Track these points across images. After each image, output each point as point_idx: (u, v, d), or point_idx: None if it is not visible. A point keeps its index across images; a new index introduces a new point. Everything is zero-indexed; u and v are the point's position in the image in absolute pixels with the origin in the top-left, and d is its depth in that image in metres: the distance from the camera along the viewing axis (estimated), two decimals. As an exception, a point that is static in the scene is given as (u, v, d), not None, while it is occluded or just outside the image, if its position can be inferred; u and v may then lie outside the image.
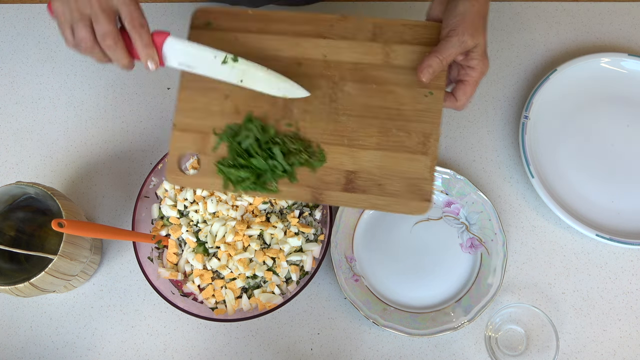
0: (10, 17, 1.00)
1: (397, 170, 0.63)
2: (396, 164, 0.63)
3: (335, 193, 0.64)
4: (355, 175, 0.63)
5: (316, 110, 0.65)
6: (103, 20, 0.57)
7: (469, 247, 0.82)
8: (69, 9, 0.58)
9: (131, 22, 0.58)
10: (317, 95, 0.65)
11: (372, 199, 0.63)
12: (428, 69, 0.62)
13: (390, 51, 0.65)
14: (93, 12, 0.57)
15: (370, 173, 0.63)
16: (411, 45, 0.65)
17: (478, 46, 0.62)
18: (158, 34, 0.61)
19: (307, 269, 0.78)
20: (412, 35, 0.65)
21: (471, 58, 0.63)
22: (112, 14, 0.58)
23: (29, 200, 0.79)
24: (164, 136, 0.91)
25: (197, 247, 0.80)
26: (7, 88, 0.95)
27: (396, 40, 0.66)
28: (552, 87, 0.88)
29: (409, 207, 0.62)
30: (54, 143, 0.92)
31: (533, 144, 0.85)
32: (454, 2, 0.62)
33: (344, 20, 0.67)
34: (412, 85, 0.64)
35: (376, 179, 0.63)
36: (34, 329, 0.82)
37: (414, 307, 0.80)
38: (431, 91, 0.64)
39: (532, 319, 0.76)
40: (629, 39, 0.93)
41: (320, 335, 0.80)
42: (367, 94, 0.65)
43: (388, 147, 0.63)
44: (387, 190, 0.63)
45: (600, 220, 0.82)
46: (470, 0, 0.62)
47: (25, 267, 0.79)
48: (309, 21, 0.67)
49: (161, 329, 0.81)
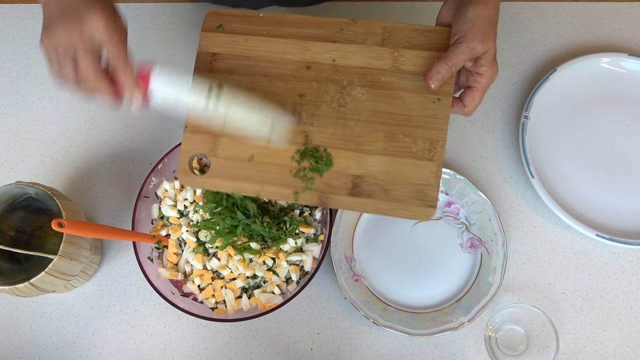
0: (10, 17, 1.00)
1: (403, 175, 0.63)
2: (402, 169, 0.63)
3: (341, 197, 0.64)
4: (361, 180, 0.64)
5: (324, 114, 0.65)
6: (85, 57, 0.57)
7: (469, 247, 0.82)
8: (56, 46, 0.58)
9: (114, 60, 0.58)
10: (326, 99, 0.66)
11: (377, 203, 0.63)
12: (437, 76, 0.62)
13: (399, 56, 0.65)
14: (77, 50, 0.57)
15: (376, 178, 0.63)
16: (420, 50, 0.65)
17: (488, 53, 0.62)
18: (143, 72, 0.60)
19: (307, 269, 0.78)
20: (421, 40, 0.65)
21: (480, 65, 0.63)
22: (95, 52, 0.58)
23: (29, 200, 0.79)
24: (164, 136, 0.91)
25: (197, 247, 0.80)
26: (7, 88, 0.95)
27: (405, 45, 0.65)
28: (552, 87, 0.88)
29: (413, 213, 0.63)
30: (54, 143, 0.92)
31: (533, 144, 0.85)
32: (464, 8, 0.62)
33: (353, 24, 0.67)
34: (420, 91, 0.64)
35: (382, 184, 0.63)
36: (34, 329, 0.82)
37: (414, 307, 0.80)
38: (439, 97, 0.64)
39: (532, 319, 0.76)
40: (629, 39, 0.93)
41: (320, 335, 0.80)
42: (375, 99, 0.65)
43: (394, 152, 0.64)
44: (392, 196, 0.63)
45: (600, 220, 0.82)
46: (480, 6, 0.61)
47: (25, 267, 0.79)
48: (319, 25, 0.68)
49: (161, 329, 0.81)
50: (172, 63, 0.95)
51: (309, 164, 0.64)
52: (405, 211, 0.63)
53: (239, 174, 0.66)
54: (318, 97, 0.66)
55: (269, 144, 0.65)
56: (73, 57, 0.58)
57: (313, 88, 0.65)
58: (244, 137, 0.64)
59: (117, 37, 0.58)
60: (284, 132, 0.65)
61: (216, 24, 0.69)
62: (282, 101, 0.66)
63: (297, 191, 0.65)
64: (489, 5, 0.61)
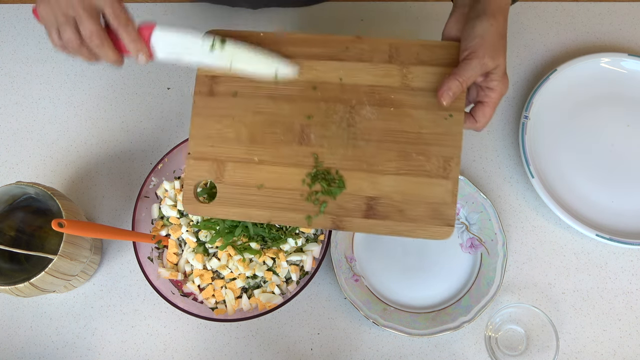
0: (10, 17, 1.00)
1: (418, 195, 0.62)
2: (417, 188, 0.62)
3: (355, 220, 0.62)
4: (376, 202, 0.62)
5: (334, 135, 0.64)
6: (87, 21, 0.58)
7: (469, 247, 0.82)
8: (53, 12, 0.58)
9: (116, 20, 0.59)
10: (335, 120, 0.64)
11: (393, 225, 0.62)
12: (448, 92, 0.61)
13: (407, 72, 0.64)
14: (77, 13, 0.57)
15: (390, 199, 0.62)
16: (429, 66, 0.64)
17: (498, 67, 0.61)
18: (144, 27, 0.61)
19: (307, 269, 0.78)
20: (429, 55, 0.64)
21: (491, 79, 0.61)
22: (96, 13, 0.58)
23: (29, 200, 0.79)
24: (164, 136, 0.91)
25: (197, 247, 0.80)
26: (7, 88, 0.95)
27: (413, 61, 0.64)
28: (552, 87, 0.88)
29: (431, 233, 0.61)
30: (54, 143, 0.92)
31: (533, 144, 0.85)
32: (472, 22, 0.61)
33: (359, 41, 0.65)
34: (431, 107, 0.63)
35: (397, 205, 0.62)
36: (34, 329, 0.83)
37: (414, 307, 0.80)
38: (451, 113, 0.62)
39: (532, 319, 0.76)
40: (629, 39, 0.93)
41: (320, 335, 0.80)
42: (385, 117, 0.63)
43: (408, 171, 0.62)
44: (408, 216, 0.62)
45: (600, 220, 0.82)
46: (489, 20, 0.60)
47: (25, 267, 0.79)
48: (324, 43, 0.66)
49: (161, 329, 0.81)
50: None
51: (320, 187, 0.63)
52: (422, 231, 0.61)
53: (248, 200, 0.64)
54: (327, 117, 0.64)
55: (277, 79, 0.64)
56: (73, 20, 0.58)
57: (321, 108, 0.64)
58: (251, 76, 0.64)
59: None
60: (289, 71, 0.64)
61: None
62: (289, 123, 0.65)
63: (310, 215, 0.63)
64: (497, 19, 0.60)
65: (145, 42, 0.61)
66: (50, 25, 0.59)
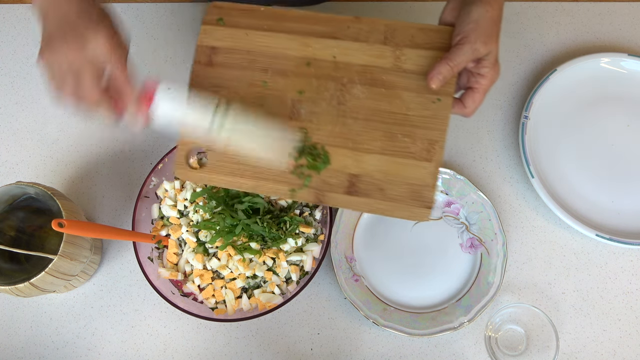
0: (10, 17, 1.00)
1: (400, 175, 0.62)
2: (399, 169, 0.63)
3: (337, 195, 0.63)
4: (358, 179, 0.63)
5: (323, 112, 0.65)
6: (89, 78, 0.57)
7: (469, 247, 0.82)
8: (58, 62, 0.57)
9: (115, 83, 0.58)
10: (325, 97, 0.65)
11: (373, 203, 0.63)
12: (438, 76, 0.61)
13: (400, 54, 0.65)
14: (80, 69, 0.57)
15: (372, 177, 0.63)
16: (422, 50, 0.64)
17: (490, 54, 0.61)
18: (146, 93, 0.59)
19: (307, 269, 0.78)
20: (423, 39, 0.65)
21: (482, 66, 0.62)
22: (98, 71, 0.58)
23: (29, 200, 0.79)
24: (164, 136, 0.91)
25: (197, 247, 0.80)
26: (7, 88, 0.95)
27: (407, 43, 0.65)
28: (552, 87, 0.88)
29: (409, 213, 0.62)
30: (54, 143, 0.92)
31: (533, 144, 0.85)
32: (468, 8, 0.61)
33: (357, 21, 0.66)
34: (420, 90, 0.64)
35: (378, 184, 0.63)
36: (34, 329, 0.83)
37: (414, 307, 0.80)
38: (439, 97, 0.63)
39: (532, 319, 0.76)
40: (629, 39, 0.93)
41: (320, 335, 0.80)
42: (374, 97, 0.64)
43: (392, 152, 0.63)
44: (388, 195, 0.62)
45: (600, 220, 0.82)
46: (484, 6, 0.60)
47: (25, 267, 0.79)
48: (321, 21, 0.67)
49: (161, 329, 0.82)
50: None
51: (306, 161, 0.64)
52: (401, 211, 0.62)
53: (236, 169, 0.66)
54: (318, 94, 0.65)
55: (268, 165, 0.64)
56: (75, 74, 0.57)
57: (313, 85, 0.65)
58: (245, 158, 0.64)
59: (119, 55, 0.58)
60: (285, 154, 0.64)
61: (217, 17, 0.68)
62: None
63: (294, 188, 0.64)
64: (493, 6, 0.61)
65: (145, 106, 0.59)
66: (53, 74, 0.58)
